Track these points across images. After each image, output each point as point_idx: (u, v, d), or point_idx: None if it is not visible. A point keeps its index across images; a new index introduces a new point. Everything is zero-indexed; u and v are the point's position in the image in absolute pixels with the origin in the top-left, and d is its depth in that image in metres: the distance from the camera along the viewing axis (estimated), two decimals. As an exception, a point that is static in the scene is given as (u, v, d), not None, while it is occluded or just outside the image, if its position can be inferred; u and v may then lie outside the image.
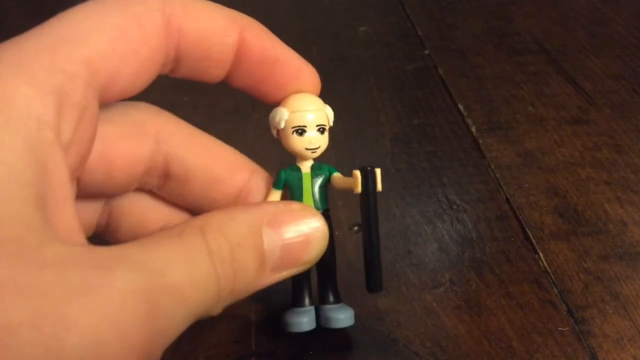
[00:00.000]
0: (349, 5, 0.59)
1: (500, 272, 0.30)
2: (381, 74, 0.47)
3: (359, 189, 0.24)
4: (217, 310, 0.20)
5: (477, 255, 0.31)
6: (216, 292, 0.19)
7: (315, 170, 0.25)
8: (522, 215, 0.33)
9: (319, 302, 0.26)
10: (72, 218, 0.19)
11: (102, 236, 0.26)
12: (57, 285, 0.15)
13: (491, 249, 0.31)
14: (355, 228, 0.32)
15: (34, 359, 0.15)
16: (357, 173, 0.24)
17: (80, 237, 0.19)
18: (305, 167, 0.25)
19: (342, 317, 0.25)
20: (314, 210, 0.23)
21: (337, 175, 0.25)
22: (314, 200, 0.25)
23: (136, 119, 0.24)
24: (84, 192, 0.23)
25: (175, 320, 0.18)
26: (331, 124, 0.25)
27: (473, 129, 0.40)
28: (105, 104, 0.22)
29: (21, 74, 0.18)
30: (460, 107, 0.43)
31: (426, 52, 0.50)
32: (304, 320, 0.25)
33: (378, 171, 0.24)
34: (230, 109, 0.43)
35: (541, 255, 0.31)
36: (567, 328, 0.27)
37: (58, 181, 0.18)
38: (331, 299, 0.26)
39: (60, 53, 0.19)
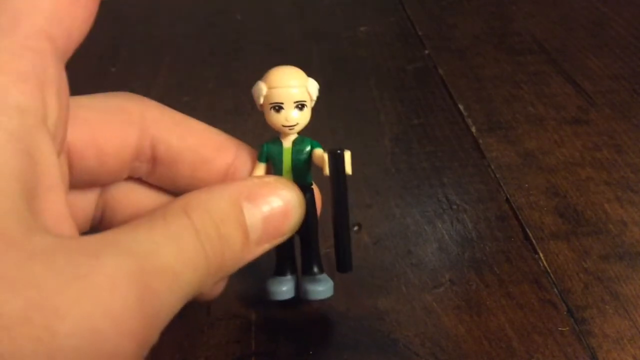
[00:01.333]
0: (349, 5, 0.59)
1: (500, 272, 0.30)
2: (381, 74, 0.47)
3: (326, 171, 0.24)
4: (207, 287, 0.20)
5: (477, 255, 0.31)
6: (205, 269, 0.20)
7: (297, 145, 0.25)
8: (522, 215, 0.33)
9: (302, 273, 0.26)
10: (61, 206, 0.18)
11: (97, 229, 0.26)
12: (47, 276, 0.15)
13: (491, 249, 0.31)
14: (355, 228, 0.32)
15: (26, 352, 0.15)
16: (326, 156, 0.24)
17: (69, 226, 0.19)
18: (287, 141, 0.25)
19: (321, 289, 0.26)
20: (287, 182, 0.24)
21: (317, 151, 0.25)
22: (294, 175, 0.25)
23: (121, 106, 0.24)
24: (78, 181, 0.23)
25: (168, 301, 0.18)
26: (314, 98, 0.25)
27: (473, 129, 0.40)
28: (90, 95, 0.22)
29: None
30: (460, 107, 0.43)
31: (426, 52, 0.50)
32: (283, 289, 0.26)
33: (347, 154, 0.24)
34: (230, 109, 0.43)
35: (541, 255, 0.31)
36: (567, 328, 0.27)
37: (45, 169, 0.18)
38: (314, 269, 0.26)
39: (21, 32, 0.18)
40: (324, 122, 0.40)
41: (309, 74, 0.25)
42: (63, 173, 0.22)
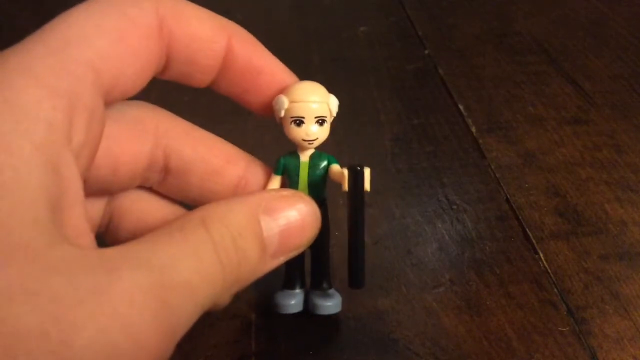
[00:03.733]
0: (349, 5, 0.59)
1: (500, 272, 0.30)
2: (381, 74, 0.47)
3: (346, 187, 0.24)
4: (223, 300, 0.21)
5: (477, 255, 0.31)
6: (221, 283, 0.20)
7: (314, 160, 0.25)
8: (522, 215, 0.33)
9: (311, 287, 0.27)
10: (82, 220, 0.19)
11: (102, 237, 0.26)
12: (66, 290, 0.15)
13: (491, 249, 0.31)
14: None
15: None
16: (346, 172, 0.24)
17: (89, 239, 0.19)
18: (305, 155, 0.25)
19: (329, 304, 0.26)
20: (304, 195, 0.24)
21: (334, 167, 0.25)
22: (309, 189, 0.25)
23: (136, 116, 0.24)
24: (90, 190, 0.23)
25: (185, 315, 0.18)
26: (334, 114, 0.25)
27: (473, 129, 0.40)
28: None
29: (29, 78, 0.18)
30: (460, 107, 0.43)
31: (426, 52, 0.50)
32: (291, 302, 0.26)
33: (367, 171, 0.24)
34: (230, 109, 0.43)
35: (541, 255, 0.31)
36: (567, 328, 0.27)
37: (68, 183, 0.18)
38: (323, 284, 0.26)
39: (66, 55, 0.19)
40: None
41: (309, 74, 0.25)
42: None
